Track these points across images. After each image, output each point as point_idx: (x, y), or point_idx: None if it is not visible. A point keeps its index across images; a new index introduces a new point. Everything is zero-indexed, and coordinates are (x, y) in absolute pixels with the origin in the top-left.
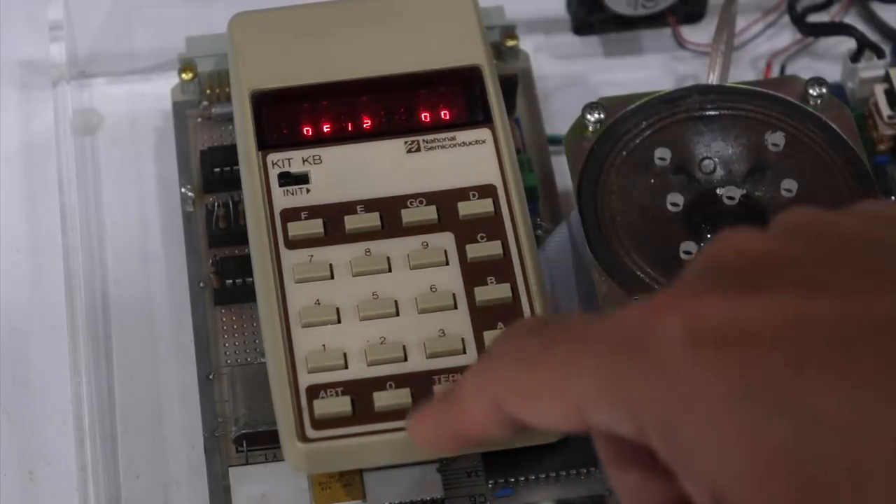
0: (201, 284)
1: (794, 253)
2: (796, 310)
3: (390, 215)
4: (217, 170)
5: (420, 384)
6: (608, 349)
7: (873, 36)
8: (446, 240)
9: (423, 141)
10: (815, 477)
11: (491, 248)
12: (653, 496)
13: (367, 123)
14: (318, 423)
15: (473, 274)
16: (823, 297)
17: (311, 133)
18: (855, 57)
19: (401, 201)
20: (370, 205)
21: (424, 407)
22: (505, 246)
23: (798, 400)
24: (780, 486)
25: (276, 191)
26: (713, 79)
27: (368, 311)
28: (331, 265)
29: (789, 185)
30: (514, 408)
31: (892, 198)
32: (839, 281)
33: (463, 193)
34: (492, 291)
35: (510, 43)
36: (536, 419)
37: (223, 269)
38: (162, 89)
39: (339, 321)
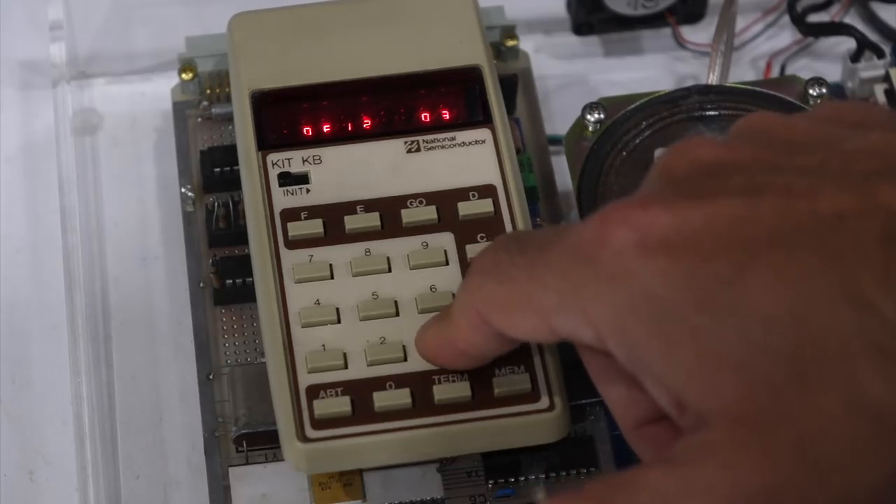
0: (201, 284)
1: (741, 158)
2: (737, 214)
3: (390, 215)
4: (217, 170)
5: (420, 384)
6: (565, 262)
7: (873, 36)
8: (446, 240)
9: (423, 141)
10: (762, 375)
11: None
12: (639, 407)
13: (366, 123)
14: (318, 424)
15: None
16: (765, 199)
17: (311, 133)
18: (855, 57)
19: (401, 201)
20: (370, 205)
21: (427, 324)
22: None
23: (741, 302)
24: (729, 387)
25: (276, 191)
26: (713, 79)
27: (368, 311)
28: (331, 265)
29: None
30: (494, 320)
31: None
32: (782, 182)
33: (463, 193)
34: None
35: (510, 43)
36: (514, 331)
37: (223, 269)
38: (162, 89)
39: (338, 321)
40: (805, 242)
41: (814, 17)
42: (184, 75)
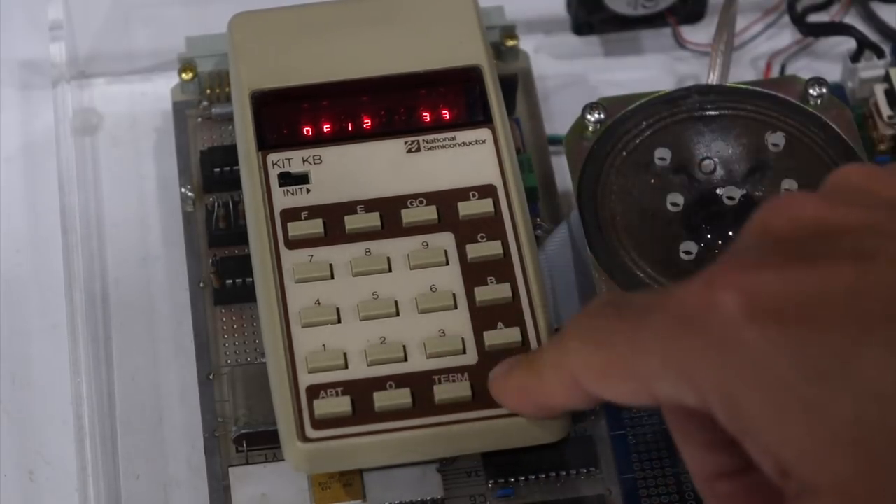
0: (201, 284)
1: (847, 219)
2: (851, 283)
3: (390, 215)
4: (217, 170)
5: (420, 384)
6: (669, 328)
7: (873, 36)
8: (446, 240)
9: (423, 141)
10: (878, 453)
11: (491, 248)
12: (718, 463)
13: (367, 123)
14: (319, 423)
15: (473, 274)
16: (878, 267)
17: (311, 133)
18: (855, 57)
19: (401, 201)
20: (370, 205)
21: (508, 371)
22: (505, 246)
23: (857, 377)
24: (842, 463)
25: (276, 191)
26: (713, 79)
27: (368, 311)
28: (331, 265)
29: (789, 185)
30: (590, 385)
31: None
32: (893, 249)
33: (463, 193)
34: (492, 291)
35: (510, 43)
36: (610, 394)
37: (223, 269)
38: (162, 89)
39: (339, 321)
40: None
41: (814, 17)
42: (184, 75)
